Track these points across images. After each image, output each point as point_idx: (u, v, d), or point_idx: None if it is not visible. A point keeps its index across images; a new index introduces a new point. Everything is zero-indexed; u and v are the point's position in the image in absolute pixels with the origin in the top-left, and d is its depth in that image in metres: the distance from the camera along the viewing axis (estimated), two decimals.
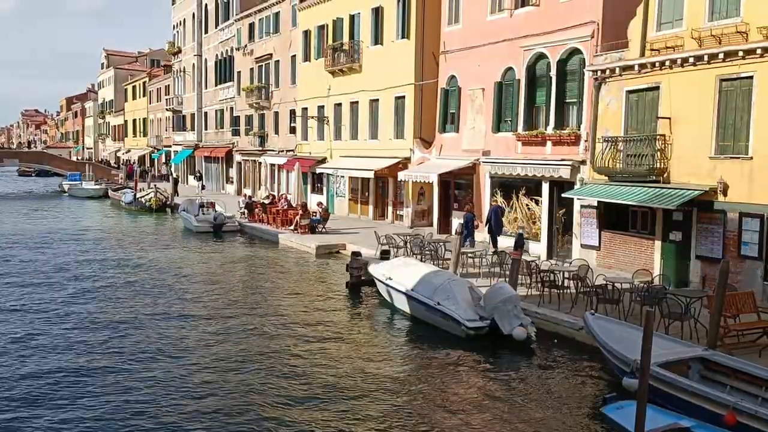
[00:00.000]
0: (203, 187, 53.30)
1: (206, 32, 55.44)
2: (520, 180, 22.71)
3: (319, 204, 31.29)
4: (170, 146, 66.51)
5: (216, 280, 21.21)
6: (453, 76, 26.49)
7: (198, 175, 56.07)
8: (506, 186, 23.76)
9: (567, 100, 21.33)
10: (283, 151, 41.55)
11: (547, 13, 21.58)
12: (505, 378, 12.51)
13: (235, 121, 50.10)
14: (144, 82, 76.61)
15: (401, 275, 16.88)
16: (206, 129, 57.18)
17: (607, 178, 19.10)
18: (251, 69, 46.25)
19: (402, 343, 14.87)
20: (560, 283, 16.02)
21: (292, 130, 40.79)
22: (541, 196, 21.97)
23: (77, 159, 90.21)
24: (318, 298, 18.74)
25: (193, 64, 57.89)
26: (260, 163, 45.63)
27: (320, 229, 28.58)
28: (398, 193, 30.48)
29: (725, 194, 16.00)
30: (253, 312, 16.98)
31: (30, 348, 13.84)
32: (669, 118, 17.34)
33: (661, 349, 10.79)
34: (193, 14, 57.08)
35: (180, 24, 61.21)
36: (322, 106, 36.62)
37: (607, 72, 19.11)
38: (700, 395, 9.55)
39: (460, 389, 11.85)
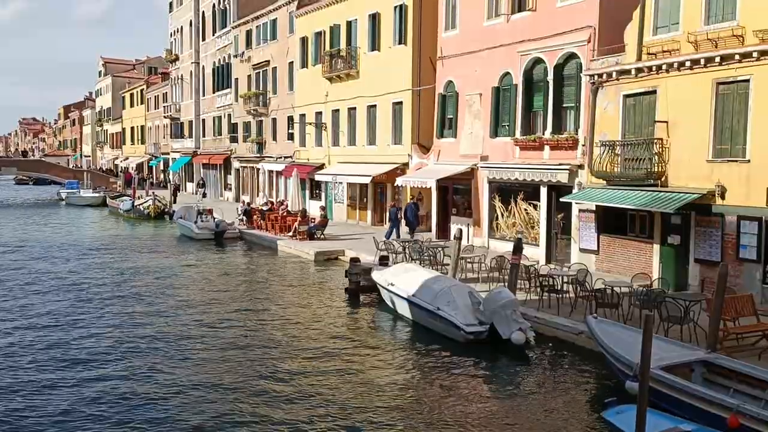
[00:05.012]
0: (204, 195, 53.27)
1: (204, 39, 55.54)
2: (519, 185, 22.73)
3: (322, 209, 31.25)
4: (168, 153, 66.52)
5: (215, 287, 21.17)
6: (450, 82, 26.53)
7: (201, 182, 56.08)
8: (504, 191, 23.79)
9: (564, 105, 21.36)
10: (281, 157, 41.57)
11: (543, 18, 21.64)
12: (504, 382, 12.51)
13: (233, 128, 50.12)
14: (142, 90, 76.69)
15: (403, 281, 16.89)
16: (204, 136, 57.21)
17: (605, 182, 19.12)
18: (249, 76, 46.31)
19: (402, 348, 14.85)
20: (559, 288, 16.01)
21: (290, 137, 40.83)
22: (539, 201, 21.98)
23: (74, 167, 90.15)
24: (317, 304, 18.71)
25: (191, 71, 57.97)
26: (258, 170, 45.64)
27: (319, 236, 28.56)
28: (396, 198, 30.48)
29: (723, 197, 16.01)
30: (254, 318, 16.96)
31: (26, 352, 13.81)
32: (666, 122, 17.38)
33: (664, 352, 10.80)
34: (191, 21, 57.20)
35: (177, 31, 61.31)
36: (320, 113, 36.67)
37: (604, 76, 19.14)
38: (703, 398, 9.53)
39: (459, 394, 11.82)
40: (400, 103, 29.71)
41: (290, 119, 40.62)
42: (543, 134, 21.75)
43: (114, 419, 10.59)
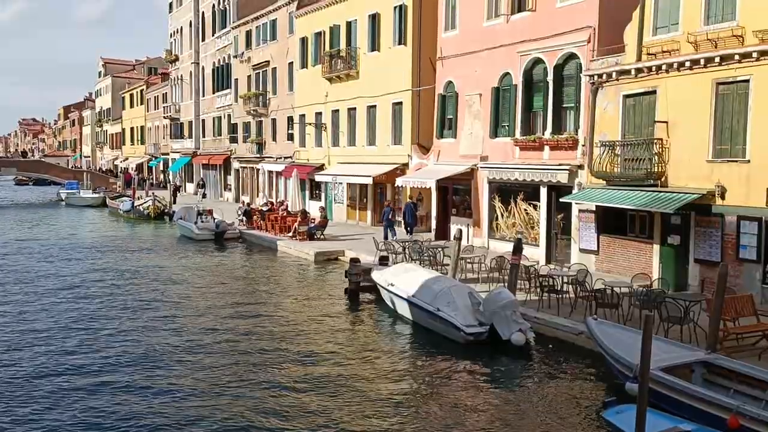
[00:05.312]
0: (204, 195, 53.29)
1: (203, 40, 55.54)
2: (518, 185, 22.73)
3: (322, 209, 31.27)
4: (168, 154, 66.52)
5: (215, 288, 21.16)
6: (450, 82, 26.54)
7: (201, 183, 56.09)
8: (504, 191, 23.79)
9: (564, 105, 21.36)
10: (281, 158, 41.58)
11: (543, 19, 21.64)
12: (504, 383, 12.50)
13: (232, 128, 50.12)
14: (141, 90, 76.70)
15: (403, 281, 16.88)
16: (204, 136, 57.21)
17: (605, 182, 19.12)
18: (249, 76, 46.31)
19: (402, 349, 14.84)
20: (559, 288, 16.01)
21: (290, 137, 40.83)
22: (539, 201, 21.98)
23: (74, 167, 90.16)
24: (317, 305, 18.70)
25: (191, 71, 57.96)
26: (258, 170, 45.63)
27: (319, 236, 28.56)
28: (396, 198, 30.48)
29: (723, 198, 16.01)
30: (253, 319, 16.95)
31: (24, 353, 13.80)
32: (666, 122, 17.38)
33: (664, 353, 10.80)
34: (191, 22, 57.20)
35: (177, 32, 61.31)
36: (320, 113, 36.67)
37: (604, 76, 19.14)
38: (703, 399, 9.53)
39: (459, 395, 11.82)
40: (400, 103, 29.71)
41: (290, 120, 40.62)
42: (543, 134, 21.75)
43: (109, 422, 10.56)
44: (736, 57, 15.47)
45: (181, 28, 59.80)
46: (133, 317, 17.21)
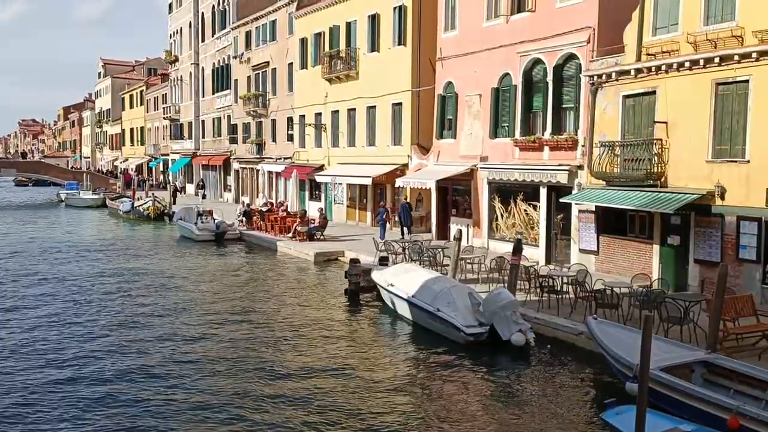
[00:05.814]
0: (204, 196, 53.28)
1: (203, 41, 55.54)
2: (518, 185, 22.73)
3: (320, 210, 31.30)
4: (168, 155, 66.52)
5: (216, 289, 21.17)
6: (450, 83, 26.54)
7: (200, 183, 56.09)
8: (504, 191, 23.80)
9: (564, 106, 21.37)
10: (280, 158, 41.58)
11: (543, 19, 21.65)
12: (504, 384, 12.49)
13: (232, 129, 50.12)
14: (141, 91, 76.70)
15: (403, 282, 16.88)
16: (204, 137, 57.21)
17: (604, 182, 19.12)
18: (248, 77, 46.32)
19: (402, 349, 14.84)
20: (559, 288, 16.01)
21: (290, 138, 40.83)
22: (539, 202, 21.98)
23: (74, 168, 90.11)
24: (317, 305, 18.70)
25: (191, 72, 57.95)
26: (258, 171, 45.63)
27: (318, 237, 28.56)
28: (396, 200, 30.49)
29: (723, 198, 16.01)
30: (253, 320, 16.95)
31: (27, 357, 13.79)
32: (666, 123, 17.38)
33: (664, 353, 10.80)
34: (190, 23, 57.20)
35: (177, 33, 61.32)
36: (320, 114, 36.67)
37: (604, 77, 19.15)
38: (702, 399, 9.52)
39: (459, 396, 11.82)
40: (400, 104, 29.72)
41: (290, 120, 40.62)
42: (542, 135, 21.75)
43: (105, 424, 10.57)
44: (736, 57, 15.48)
45: (181, 28, 59.80)
46: (133, 319, 17.20)
